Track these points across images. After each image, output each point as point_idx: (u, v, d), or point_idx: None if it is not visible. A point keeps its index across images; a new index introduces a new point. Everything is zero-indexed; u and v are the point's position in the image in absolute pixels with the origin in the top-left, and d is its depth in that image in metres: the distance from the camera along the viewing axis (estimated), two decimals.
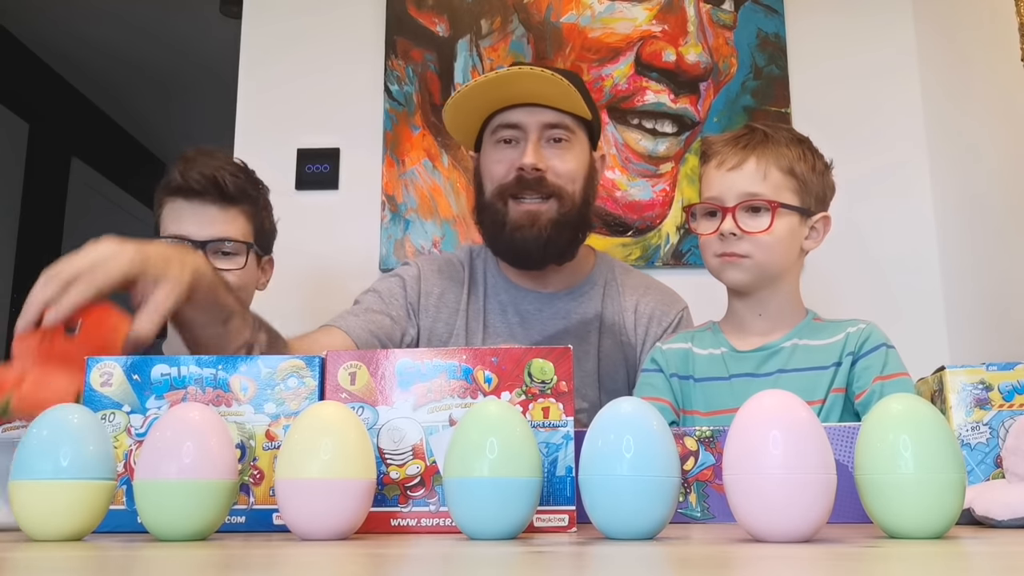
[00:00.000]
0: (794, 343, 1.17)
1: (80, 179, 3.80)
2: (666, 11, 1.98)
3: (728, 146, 1.20)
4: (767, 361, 1.18)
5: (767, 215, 1.14)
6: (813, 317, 1.21)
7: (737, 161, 1.17)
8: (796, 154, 1.18)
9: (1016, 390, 0.74)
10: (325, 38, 2.04)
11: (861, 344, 1.13)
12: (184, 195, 1.35)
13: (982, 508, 0.65)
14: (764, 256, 1.16)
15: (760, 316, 1.21)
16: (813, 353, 1.15)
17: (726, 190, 1.17)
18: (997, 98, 1.66)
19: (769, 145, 1.18)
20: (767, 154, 1.17)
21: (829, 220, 1.21)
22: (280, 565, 0.44)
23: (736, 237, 1.15)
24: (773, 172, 1.16)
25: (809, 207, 1.19)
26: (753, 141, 1.19)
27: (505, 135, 1.23)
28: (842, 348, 1.14)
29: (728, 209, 1.15)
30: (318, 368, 0.68)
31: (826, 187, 1.22)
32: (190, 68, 3.61)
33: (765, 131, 1.20)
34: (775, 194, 1.15)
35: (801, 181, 1.18)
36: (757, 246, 1.15)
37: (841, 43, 1.98)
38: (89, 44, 3.51)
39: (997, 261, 1.67)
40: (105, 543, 0.56)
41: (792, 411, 0.53)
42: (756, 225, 1.15)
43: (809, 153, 1.20)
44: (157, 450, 0.56)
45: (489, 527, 0.56)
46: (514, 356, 0.66)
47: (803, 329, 1.19)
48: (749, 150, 1.18)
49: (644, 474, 0.55)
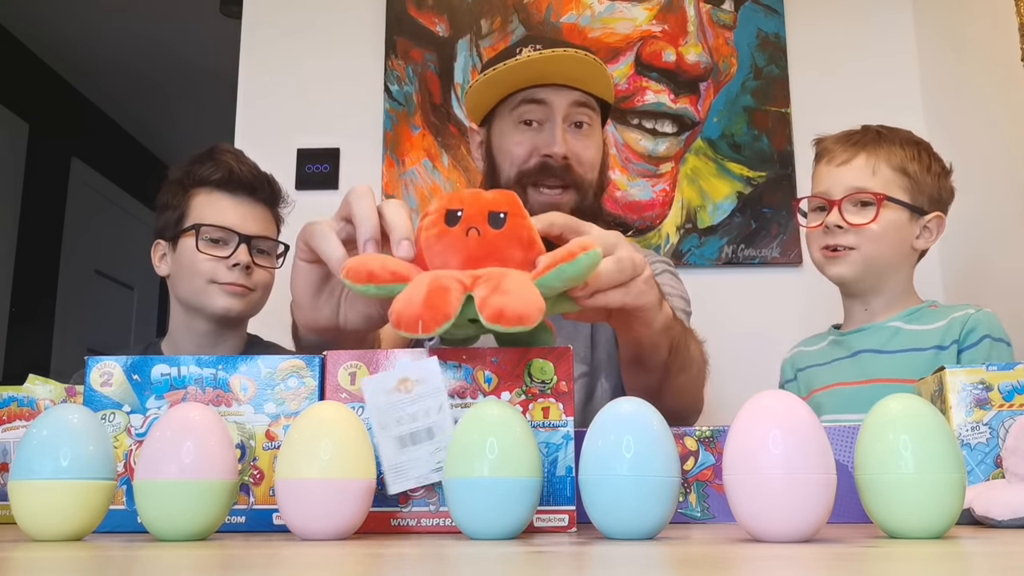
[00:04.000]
0: (897, 326, 1.16)
1: (80, 179, 3.80)
2: (666, 11, 1.98)
3: (839, 143, 1.20)
4: (862, 341, 1.18)
5: (873, 209, 1.13)
6: (930, 305, 1.19)
7: (847, 157, 1.17)
8: (910, 154, 1.17)
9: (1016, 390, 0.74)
10: (325, 38, 2.04)
11: (966, 334, 1.10)
12: (228, 189, 1.36)
13: (982, 508, 0.65)
14: (870, 248, 1.15)
15: (866, 311, 1.20)
16: (913, 336, 1.14)
17: (833, 184, 1.17)
18: (997, 98, 1.66)
19: (882, 144, 1.17)
20: (879, 152, 1.17)
21: (943, 220, 1.20)
22: (280, 565, 0.44)
23: (842, 229, 1.15)
24: (883, 169, 1.16)
25: (922, 206, 1.17)
26: (865, 139, 1.19)
27: (528, 114, 1.18)
28: (944, 333, 1.12)
29: (834, 202, 1.15)
30: (318, 368, 0.68)
31: (942, 189, 1.20)
32: (190, 68, 3.61)
33: (879, 131, 1.20)
34: (883, 189, 1.15)
35: (913, 180, 1.16)
36: (863, 238, 1.14)
37: (841, 43, 1.98)
38: (89, 44, 3.51)
39: (997, 261, 1.67)
40: (105, 543, 0.56)
41: (792, 411, 0.53)
42: (862, 218, 1.14)
43: (925, 154, 1.19)
44: (157, 450, 0.56)
45: (489, 527, 0.56)
46: (514, 356, 0.66)
47: (912, 314, 1.17)
48: (859, 147, 1.18)
49: (644, 474, 0.55)
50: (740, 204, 1.90)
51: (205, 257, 1.32)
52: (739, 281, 1.88)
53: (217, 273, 1.33)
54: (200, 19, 3.17)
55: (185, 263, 1.34)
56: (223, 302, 1.33)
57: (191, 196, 1.37)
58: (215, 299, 1.33)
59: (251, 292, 1.35)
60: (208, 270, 1.33)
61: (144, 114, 4.06)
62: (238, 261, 1.33)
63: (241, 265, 1.33)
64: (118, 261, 3.98)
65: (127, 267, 4.03)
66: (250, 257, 1.34)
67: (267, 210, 1.41)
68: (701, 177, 1.92)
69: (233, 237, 1.34)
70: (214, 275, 1.33)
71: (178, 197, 1.38)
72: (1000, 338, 1.10)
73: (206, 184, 1.36)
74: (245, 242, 1.34)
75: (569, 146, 1.17)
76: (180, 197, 1.37)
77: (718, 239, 1.89)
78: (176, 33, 3.38)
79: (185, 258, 1.34)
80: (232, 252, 1.33)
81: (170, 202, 1.38)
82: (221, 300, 1.33)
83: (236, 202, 1.36)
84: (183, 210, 1.36)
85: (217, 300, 1.33)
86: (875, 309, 1.19)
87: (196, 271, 1.33)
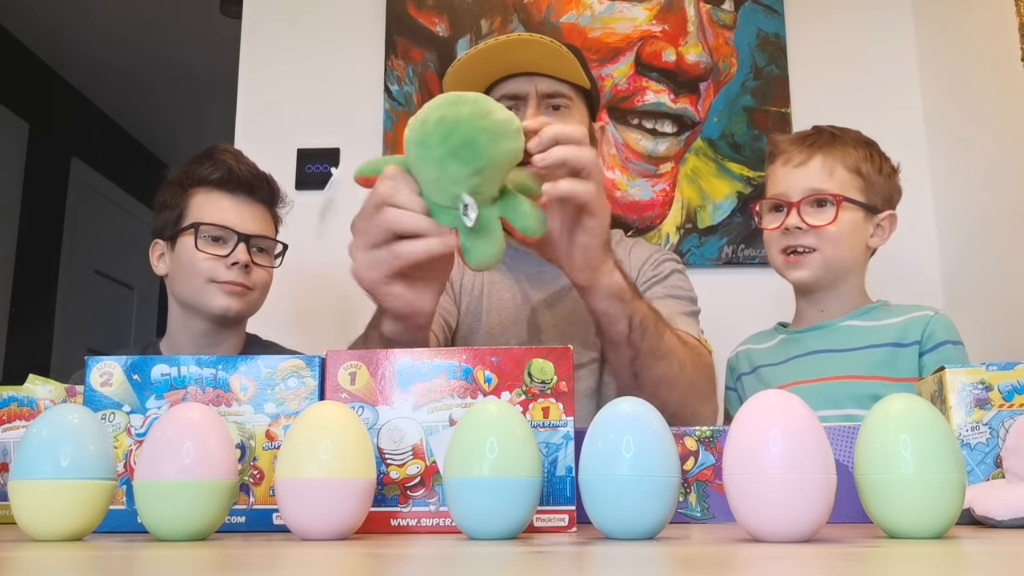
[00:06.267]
0: (852, 324, 1.17)
1: (80, 179, 3.80)
2: (666, 11, 1.98)
3: (795, 145, 1.21)
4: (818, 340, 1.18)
5: (832, 209, 1.14)
6: (882, 304, 1.21)
7: (803, 159, 1.18)
8: (863, 155, 1.19)
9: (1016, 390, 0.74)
10: (325, 38, 2.04)
11: (928, 336, 1.11)
12: (227, 188, 1.36)
13: (982, 508, 0.65)
14: (831, 250, 1.16)
15: (822, 312, 1.21)
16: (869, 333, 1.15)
17: (792, 186, 1.17)
18: (997, 98, 1.66)
19: (836, 145, 1.19)
20: (834, 153, 1.18)
21: (895, 218, 1.21)
22: (280, 565, 0.44)
23: (801, 231, 1.15)
24: (839, 170, 1.17)
25: (875, 205, 1.19)
26: (820, 140, 1.20)
27: (506, 104, 1.20)
28: (903, 330, 1.13)
29: (793, 204, 1.16)
30: (318, 368, 0.68)
31: (892, 188, 1.22)
32: (190, 68, 3.61)
33: (832, 132, 1.21)
34: (840, 190, 1.16)
35: (867, 180, 1.18)
36: (823, 239, 1.15)
37: (841, 43, 1.98)
38: (89, 44, 3.51)
39: (997, 261, 1.67)
40: (105, 543, 0.56)
41: (792, 411, 0.53)
42: (821, 218, 1.15)
43: (876, 155, 1.21)
44: (157, 450, 0.56)
45: (489, 527, 0.56)
46: (514, 356, 0.66)
47: (867, 312, 1.18)
48: (816, 148, 1.19)
49: (644, 474, 0.55)
50: (740, 204, 1.90)
51: (204, 256, 1.32)
52: (739, 281, 1.88)
53: (216, 272, 1.33)
54: (200, 19, 3.17)
55: (184, 262, 1.34)
56: (222, 301, 1.33)
57: (190, 195, 1.37)
58: (214, 298, 1.33)
59: (250, 291, 1.35)
60: (207, 269, 1.33)
61: (144, 114, 4.06)
62: (237, 260, 1.33)
63: (240, 264, 1.33)
64: (118, 261, 3.98)
65: (127, 267, 4.03)
66: (249, 256, 1.34)
67: (266, 210, 1.41)
68: (701, 177, 1.92)
69: (232, 236, 1.34)
70: (213, 274, 1.33)
71: (177, 196, 1.38)
72: (957, 341, 1.13)
73: (205, 183, 1.36)
74: (244, 241, 1.34)
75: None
76: (179, 196, 1.37)
77: (718, 239, 1.89)
78: (176, 33, 3.38)
79: (184, 257, 1.34)
80: (231, 251, 1.33)
81: (169, 202, 1.38)
82: (220, 299, 1.33)
83: (235, 201, 1.36)
84: (182, 209, 1.36)
85: (216, 299, 1.33)
86: (831, 310, 1.21)
87: (195, 270, 1.33)
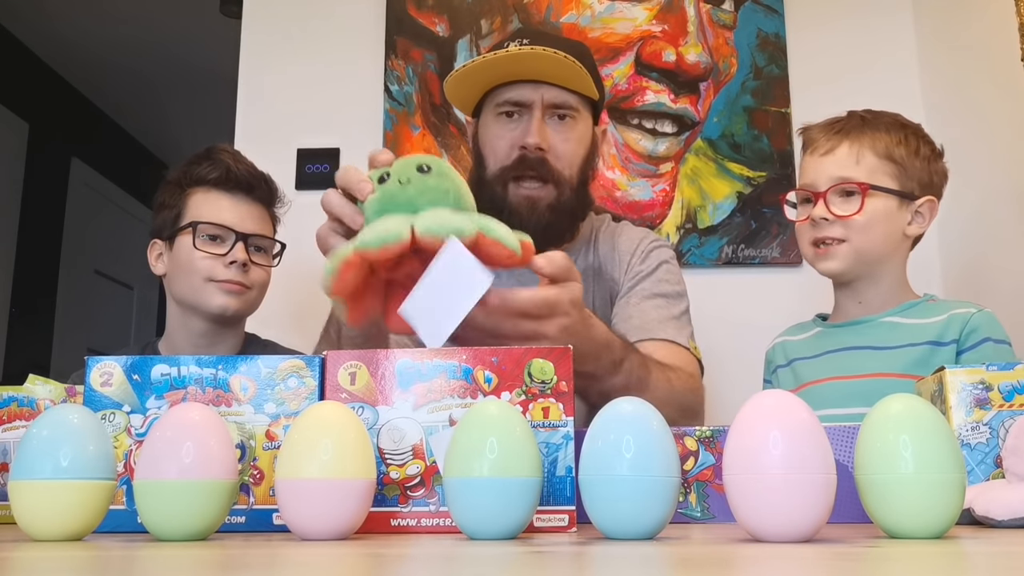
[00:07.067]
0: (893, 320, 1.13)
1: (80, 179, 3.80)
2: (666, 11, 1.98)
3: (823, 132, 1.17)
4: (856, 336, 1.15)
5: (859, 199, 1.11)
6: (928, 299, 1.17)
7: (830, 146, 1.15)
8: (896, 138, 1.14)
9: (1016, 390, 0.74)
10: (325, 38, 2.04)
11: (967, 334, 1.08)
12: (226, 187, 1.37)
13: (982, 508, 0.65)
14: (859, 239, 1.12)
15: (860, 304, 1.17)
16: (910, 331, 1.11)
17: (818, 175, 1.14)
18: (997, 98, 1.66)
19: (866, 130, 1.14)
20: (862, 139, 1.14)
21: (935, 205, 1.16)
22: (280, 565, 0.44)
23: (828, 222, 1.13)
24: (867, 156, 1.13)
25: (911, 191, 1.14)
26: (848, 126, 1.16)
27: (508, 106, 1.20)
28: (943, 328, 1.09)
29: (819, 194, 1.13)
30: (318, 368, 0.68)
31: (933, 172, 1.17)
32: (190, 68, 3.61)
33: (863, 116, 1.17)
34: (868, 177, 1.12)
35: (900, 165, 1.14)
36: (851, 229, 1.12)
37: (841, 43, 1.98)
38: (89, 44, 3.51)
39: (997, 261, 1.67)
40: (105, 543, 0.56)
41: (792, 411, 0.53)
42: (848, 208, 1.12)
43: (913, 138, 1.16)
44: (157, 450, 0.56)
45: (489, 527, 0.56)
46: (514, 356, 0.66)
47: (909, 308, 1.15)
48: (843, 135, 1.15)
49: (644, 474, 0.55)
50: (740, 204, 1.90)
51: (202, 255, 1.32)
52: (739, 281, 1.88)
53: (214, 271, 1.33)
54: (200, 19, 3.17)
55: (182, 261, 1.34)
56: (220, 300, 1.33)
57: (188, 195, 1.37)
58: (212, 297, 1.33)
59: (248, 290, 1.36)
60: (205, 268, 1.33)
61: (144, 114, 4.06)
62: (235, 259, 1.33)
63: (238, 263, 1.33)
64: (118, 261, 3.98)
65: (127, 267, 4.03)
66: (247, 255, 1.34)
67: (264, 209, 1.41)
68: (701, 177, 1.92)
69: (230, 235, 1.34)
70: (211, 273, 1.33)
71: (175, 196, 1.38)
72: (1001, 340, 1.08)
73: (203, 183, 1.36)
74: (242, 240, 1.34)
75: (546, 137, 1.17)
76: (177, 196, 1.38)
77: (718, 239, 1.89)
78: (176, 33, 3.38)
79: (182, 256, 1.34)
80: (229, 250, 1.33)
81: (167, 201, 1.38)
82: (218, 298, 1.33)
83: (233, 201, 1.36)
84: (180, 209, 1.37)
85: (214, 298, 1.33)
86: (870, 302, 1.17)
87: (193, 269, 1.33)
